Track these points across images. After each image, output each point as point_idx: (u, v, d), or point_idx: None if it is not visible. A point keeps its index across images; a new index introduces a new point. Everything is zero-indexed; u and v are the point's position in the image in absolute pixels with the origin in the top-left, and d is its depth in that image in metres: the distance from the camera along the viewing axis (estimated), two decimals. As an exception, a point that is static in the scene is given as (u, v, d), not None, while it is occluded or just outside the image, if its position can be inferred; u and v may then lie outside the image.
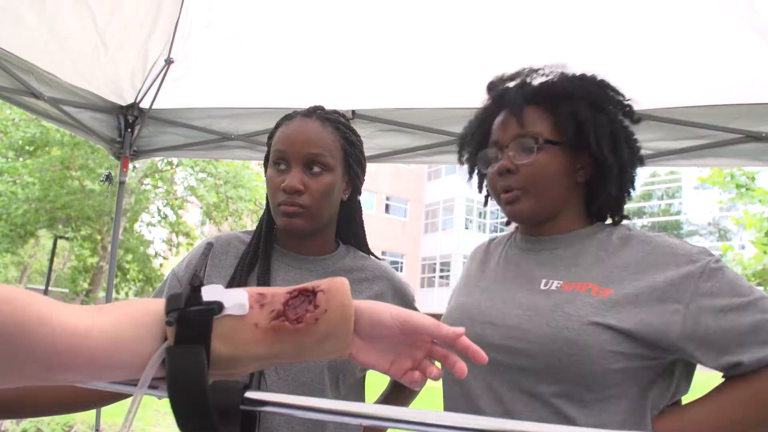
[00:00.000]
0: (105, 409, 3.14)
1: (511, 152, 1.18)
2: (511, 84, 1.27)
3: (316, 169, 1.25)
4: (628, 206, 1.28)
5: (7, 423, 6.07)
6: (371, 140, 2.74)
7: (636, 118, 1.23)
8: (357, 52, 2.53)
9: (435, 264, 31.68)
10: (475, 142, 1.33)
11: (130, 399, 0.66)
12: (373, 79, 2.64)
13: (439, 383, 1.15)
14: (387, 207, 31.54)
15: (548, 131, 1.17)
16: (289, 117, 1.32)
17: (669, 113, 2.34)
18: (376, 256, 1.44)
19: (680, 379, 1.12)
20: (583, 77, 1.23)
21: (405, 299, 1.37)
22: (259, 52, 2.61)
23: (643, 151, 1.26)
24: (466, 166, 1.40)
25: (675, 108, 2.33)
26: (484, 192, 1.39)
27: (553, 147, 1.17)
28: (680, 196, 32.73)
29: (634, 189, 1.24)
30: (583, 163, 1.20)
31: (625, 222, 1.24)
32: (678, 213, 33.58)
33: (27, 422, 6.15)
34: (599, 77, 1.24)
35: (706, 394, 1.05)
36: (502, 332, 1.12)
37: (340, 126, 1.31)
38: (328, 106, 1.36)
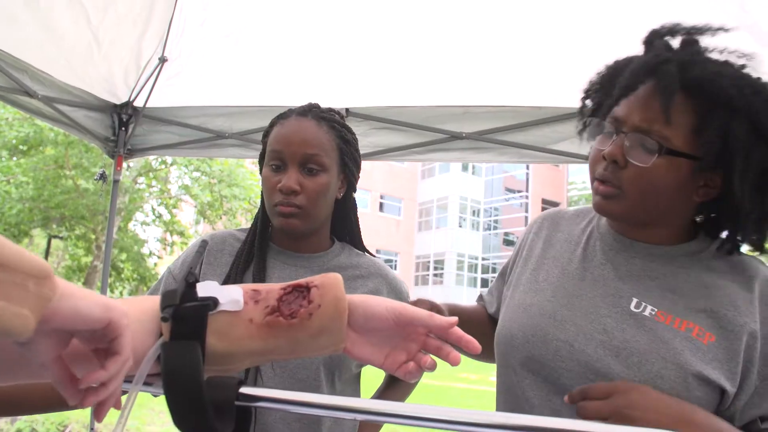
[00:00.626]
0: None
1: (627, 142, 0.95)
2: (677, 45, 1.02)
3: (312, 168, 1.25)
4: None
5: (2, 423, 6.05)
6: (365, 138, 2.75)
7: None
8: (350, 51, 2.53)
9: (429, 262, 31.74)
10: (600, 97, 1.07)
11: (123, 398, 0.66)
12: (367, 78, 2.64)
13: (435, 379, 1.16)
14: (381, 205, 31.58)
15: (683, 133, 0.93)
16: (285, 116, 1.32)
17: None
18: (371, 253, 1.44)
19: None
20: (761, 88, 0.93)
21: (400, 296, 1.37)
22: (253, 50, 2.61)
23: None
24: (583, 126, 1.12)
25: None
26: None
27: (680, 159, 0.93)
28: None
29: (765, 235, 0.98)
30: (709, 181, 0.96)
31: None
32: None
33: (21, 422, 6.12)
34: (762, 80, 0.95)
35: None
36: (582, 359, 0.97)
37: (336, 125, 1.31)
38: (322, 105, 1.36)
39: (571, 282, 1.07)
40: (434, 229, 32.08)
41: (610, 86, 1.03)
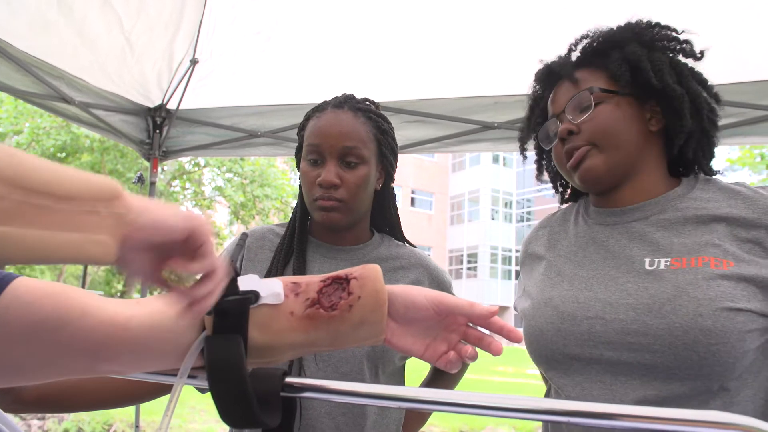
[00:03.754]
0: (144, 407, 3.21)
1: (568, 115, 1.10)
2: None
3: (351, 161, 1.24)
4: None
5: (50, 423, 6.22)
6: (396, 132, 2.73)
7: (699, 53, 1.11)
8: (379, 45, 2.53)
9: (462, 256, 31.62)
10: (534, 129, 1.24)
11: (167, 397, 0.67)
12: (396, 71, 2.63)
13: (472, 373, 1.15)
14: (412, 200, 31.56)
15: (604, 83, 1.09)
16: (321, 108, 1.30)
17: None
18: (411, 244, 1.42)
19: None
20: (628, 24, 1.14)
21: (442, 286, 1.35)
22: (283, 47, 2.62)
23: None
24: (534, 165, 1.32)
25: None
26: (559, 188, 1.29)
27: (613, 96, 1.07)
28: (711, 179, 32.01)
29: (717, 129, 1.10)
30: (653, 111, 1.09)
31: (717, 177, 1.11)
32: (709, 196, 32.82)
33: (68, 421, 6.29)
34: (647, 19, 1.14)
35: None
36: (618, 327, 0.98)
37: (372, 115, 1.30)
38: (353, 98, 1.35)
39: (582, 268, 1.09)
40: (466, 222, 31.94)
41: (533, 118, 1.24)
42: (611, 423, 0.53)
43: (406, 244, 1.41)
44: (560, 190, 1.29)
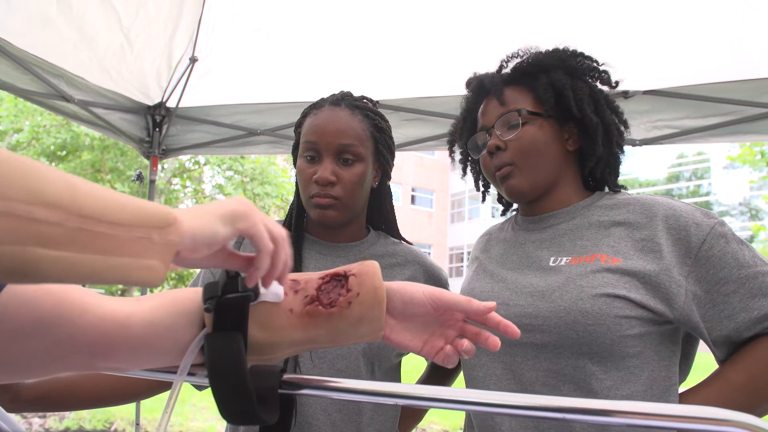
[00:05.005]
0: (144, 405, 3.21)
1: (497, 131, 1.21)
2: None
3: (348, 159, 1.24)
4: (656, 188, 1.26)
5: (51, 421, 6.23)
6: (396, 130, 2.72)
7: (614, 82, 1.25)
8: (379, 43, 2.53)
9: (462, 254, 31.60)
10: (464, 136, 1.35)
11: (167, 394, 0.67)
12: (396, 69, 2.64)
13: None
14: (413, 198, 31.51)
15: (530, 105, 1.20)
16: (318, 105, 1.30)
17: (695, 90, 2.30)
18: (407, 241, 1.43)
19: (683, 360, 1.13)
20: (555, 50, 1.26)
21: (438, 282, 1.36)
22: (282, 45, 2.62)
23: (669, 131, 1.25)
24: (459, 165, 1.44)
25: (701, 85, 2.29)
26: (481, 187, 1.43)
27: (537, 119, 1.19)
28: (709, 177, 31.99)
29: (623, 152, 1.26)
30: (570, 132, 1.22)
31: (623, 191, 1.24)
32: (707, 194, 32.85)
33: (69, 419, 6.30)
34: (572, 48, 1.27)
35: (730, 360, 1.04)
36: (517, 311, 1.11)
37: (370, 113, 1.30)
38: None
39: (503, 268, 1.23)
40: (467, 220, 31.91)
41: (465, 126, 1.34)
42: (607, 420, 0.54)
43: (402, 242, 1.42)
44: (482, 189, 1.44)
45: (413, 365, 1.03)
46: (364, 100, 1.33)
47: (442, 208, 32.69)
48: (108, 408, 6.19)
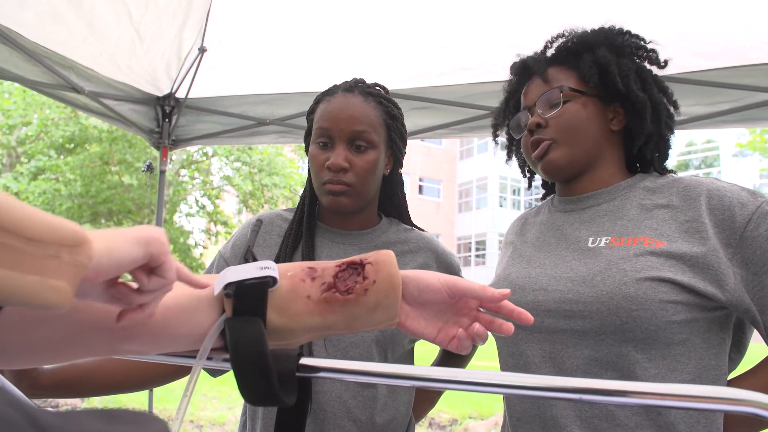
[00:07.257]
0: (156, 395, 3.24)
1: (539, 109, 1.19)
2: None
3: (360, 145, 1.24)
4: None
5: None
6: (405, 119, 2.74)
7: (663, 62, 1.21)
8: (387, 32, 2.53)
9: (470, 243, 31.59)
10: (507, 118, 1.33)
11: (180, 383, 0.68)
12: (404, 58, 2.63)
13: (481, 360, 1.18)
14: (420, 188, 31.50)
15: (574, 83, 1.18)
16: (331, 92, 1.30)
17: (704, 76, 2.28)
18: (419, 228, 1.43)
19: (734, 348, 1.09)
20: (601, 29, 1.23)
21: (450, 269, 1.36)
22: (292, 35, 2.62)
23: (678, 118, 1.23)
24: (504, 151, 1.42)
25: (710, 70, 2.27)
26: (527, 173, 1.39)
27: (580, 96, 1.17)
28: (718, 165, 31.72)
29: (672, 133, 1.21)
30: (615, 112, 1.19)
31: (669, 175, 1.20)
32: (717, 182, 32.56)
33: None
34: (618, 26, 1.24)
35: None
36: (556, 297, 1.07)
37: (383, 100, 1.30)
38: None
39: (540, 251, 1.20)
40: (474, 209, 31.88)
41: (508, 108, 1.33)
42: (622, 400, 0.54)
43: (414, 229, 1.42)
44: (527, 176, 1.40)
45: (422, 353, 1.03)
46: (377, 88, 1.33)
47: (449, 197, 32.66)
48: (120, 398, 6.24)
